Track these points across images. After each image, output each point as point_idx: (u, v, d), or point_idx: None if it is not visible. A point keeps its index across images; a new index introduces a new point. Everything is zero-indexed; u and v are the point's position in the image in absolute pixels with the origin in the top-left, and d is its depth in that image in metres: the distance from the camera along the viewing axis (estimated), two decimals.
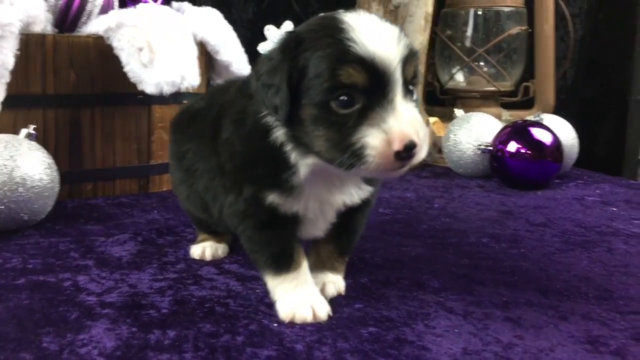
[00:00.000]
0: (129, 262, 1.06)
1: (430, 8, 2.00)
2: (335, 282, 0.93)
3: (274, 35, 2.01)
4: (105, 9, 1.56)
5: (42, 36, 1.44)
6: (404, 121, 0.69)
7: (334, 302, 0.88)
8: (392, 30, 0.73)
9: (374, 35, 0.70)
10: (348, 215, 0.89)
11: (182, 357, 0.73)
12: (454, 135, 1.85)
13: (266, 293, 0.88)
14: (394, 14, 1.97)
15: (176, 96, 1.56)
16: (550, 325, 0.82)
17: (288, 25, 2.00)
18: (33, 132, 1.30)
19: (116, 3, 1.62)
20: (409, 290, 0.94)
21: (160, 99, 1.55)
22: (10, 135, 1.27)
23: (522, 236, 1.25)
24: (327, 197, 0.84)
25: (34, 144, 1.27)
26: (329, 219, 0.88)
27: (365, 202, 0.89)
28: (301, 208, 0.84)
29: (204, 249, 1.09)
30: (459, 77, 2.28)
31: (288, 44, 0.74)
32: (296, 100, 0.73)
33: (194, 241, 1.13)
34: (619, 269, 1.05)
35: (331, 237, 0.93)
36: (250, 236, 0.87)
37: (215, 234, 1.11)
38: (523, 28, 2.20)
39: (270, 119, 0.80)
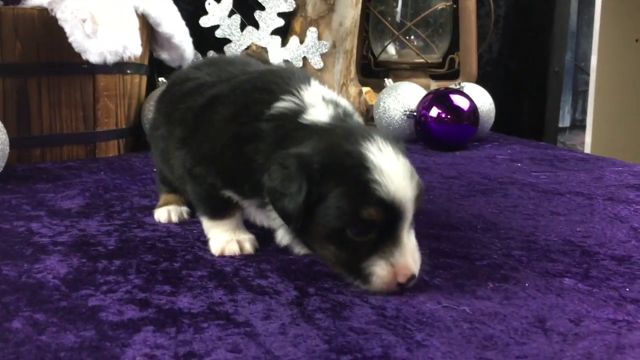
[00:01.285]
0: (78, 212, 1.17)
1: None
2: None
3: (214, 10, 2.11)
4: None
5: None
6: (408, 256, 0.77)
7: (261, 240, 1.01)
8: (408, 169, 0.79)
9: (394, 178, 0.76)
10: None
11: (126, 278, 0.85)
12: (383, 103, 2.01)
13: (202, 233, 1.01)
14: None
15: (120, 66, 1.66)
16: (439, 249, 0.98)
17: (228, 0, 2.11)
18: None
19: None
20: None
21: (105, 68, 1.64)
22: None
23: (434, 187, 1.41)
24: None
25: None
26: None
27: None
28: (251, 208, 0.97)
29: (169, 213, 1.13)
30: (391, 50, 2.44)
31: (311, 167, 0.77)
32: (308, 214, 0.78)
33: (155, 207, 1.17)
34: (509, 208, 1.23)
35: None
36: (198, 192, 0.98)
37: (176, 195, 1.16)
38: (448, 4, 2.37)
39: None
